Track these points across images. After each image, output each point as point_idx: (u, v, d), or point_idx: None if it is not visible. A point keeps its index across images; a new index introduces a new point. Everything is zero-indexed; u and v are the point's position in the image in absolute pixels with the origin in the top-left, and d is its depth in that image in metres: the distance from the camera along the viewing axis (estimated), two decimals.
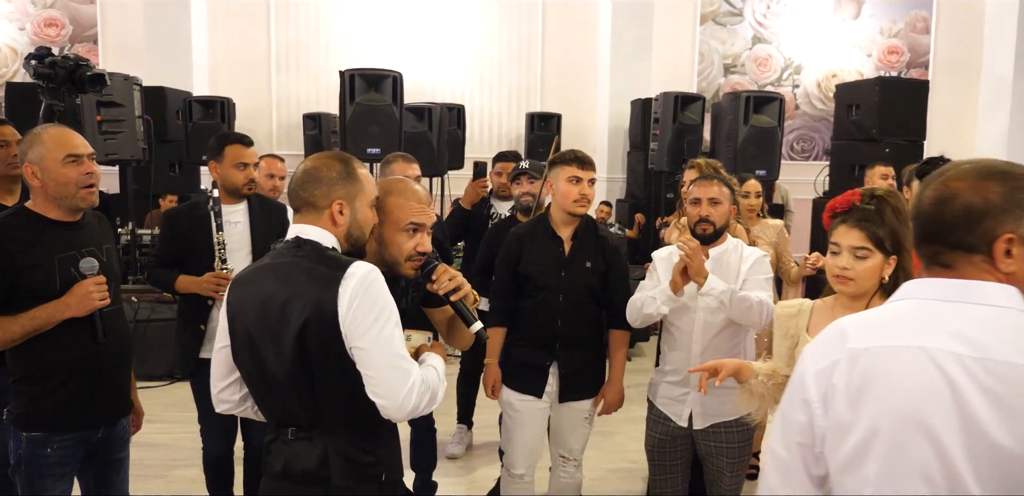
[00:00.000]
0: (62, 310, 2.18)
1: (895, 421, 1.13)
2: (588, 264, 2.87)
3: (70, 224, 2.29)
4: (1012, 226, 1.15)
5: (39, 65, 3.67)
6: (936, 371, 1.11)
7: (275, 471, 1.75)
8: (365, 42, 8.97)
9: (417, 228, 1.96)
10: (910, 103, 6.65)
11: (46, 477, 2.23)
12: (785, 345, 2.16)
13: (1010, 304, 1.15)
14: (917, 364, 1.13)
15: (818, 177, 7.17)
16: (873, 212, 1.97)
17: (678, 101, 7.19)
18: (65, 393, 2.24)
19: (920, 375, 1.12)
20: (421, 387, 1.69)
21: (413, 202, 1.97)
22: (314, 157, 1.85)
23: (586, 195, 2.85)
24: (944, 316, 1.15)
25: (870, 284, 1.98)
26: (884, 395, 1.15)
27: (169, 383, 5.42)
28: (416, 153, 4.34)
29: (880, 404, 1.15)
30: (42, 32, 8.70)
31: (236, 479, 3.26)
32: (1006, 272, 1.16)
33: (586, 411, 2.96)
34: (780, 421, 1.29)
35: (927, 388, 1.11)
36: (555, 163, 2.90)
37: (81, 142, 2.28)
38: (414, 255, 1.97)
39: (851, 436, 1.17)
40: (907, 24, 9.67)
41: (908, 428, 1.12)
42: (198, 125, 7.35)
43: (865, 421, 1.16)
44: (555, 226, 2.91)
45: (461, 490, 3.87)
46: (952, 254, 1.19)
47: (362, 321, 1.64)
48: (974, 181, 1.17)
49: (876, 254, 1.96)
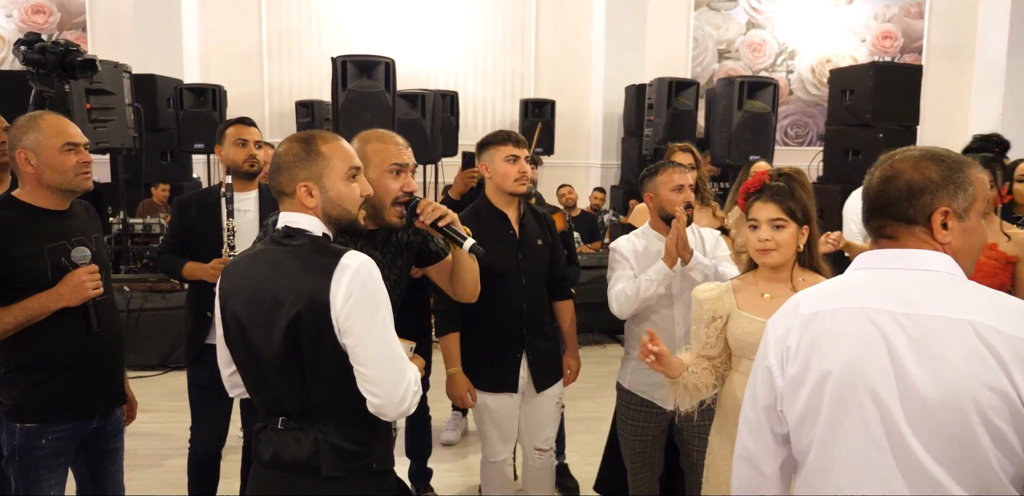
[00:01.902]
0: (55, 300, 2.17)
1: (838, 372, 1.28)
2: (539, 242, 2.85)
3: (59, 213, 2.27)
4: (947, 200, 1.29)
5: (29, 51, 3.63)
6: (872, 326, 1.27)
7: (264, 459, 1.74)
8: (358, 28, 8.91)
9: (400, 169, 2.04)
10: (904, 88, 6.64)
11: (40, 468, 2.22)
12: (714, 326, 2.24)
13: (943, 269, 1.29)
14: (856, 322, 1.29)
15: (812, 162, 7.17)
16: (783, 188, 2.17)
17: (672, 87, 7.17)
18: (59, 383, 2.23)
19: (858, 331, 1.28)
20: (415, 386, 1.68)
21: (391, 145, 2.05)
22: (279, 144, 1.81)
23: (525, 173, 2.74)
24: (884, 280, 1.31)
25: (790, 253, 2.17)
26: (829, 351, 1.31)
27: (162, 372, 5.42)
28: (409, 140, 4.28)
29: (826, 359, 1.30)
30: (30, 19, 8.62)
31: (233, 470, 3.27)
32: (943, 242, 1.30)
33: (558, 395, 2.95)
34: (748, 388, 1.46)
35: (864, 342, 1.27)
36: (487, 144, 2.77)
37: (77, 131, 2.28)
38: (400, 196, 2.04)
39: (803, 391, 1.33)
40: (901, 9, 9.64)
41: (849, 378, 1.27)
42: (189, 113, 7.30)
43: (814, 375, 1.31)
44: (501, 208, 2.79)
45: (456, 477, 3.88)
46: (895, 226, 1.33)
47: (359, 317, 1.61)
48: (916, 161, 1.32)
49: (791, 224, 2.15)
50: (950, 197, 1.29)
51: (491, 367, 2.82)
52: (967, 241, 1.31)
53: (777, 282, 2.20)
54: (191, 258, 3.03)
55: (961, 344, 1.19)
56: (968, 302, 1.23)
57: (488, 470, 2.96)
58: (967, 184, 1.30)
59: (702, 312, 2.26)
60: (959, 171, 1.30)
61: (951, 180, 1.29)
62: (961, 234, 1.31)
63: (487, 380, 2.82)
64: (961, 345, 1.19)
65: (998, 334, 1.18)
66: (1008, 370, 1.16)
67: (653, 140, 7.20)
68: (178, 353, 5.41)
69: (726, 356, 2.26)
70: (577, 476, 3.72)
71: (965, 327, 1.19)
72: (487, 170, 2.77)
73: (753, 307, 2.19)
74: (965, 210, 1.30)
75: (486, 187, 2.83)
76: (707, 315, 2.25)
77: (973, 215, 1.31)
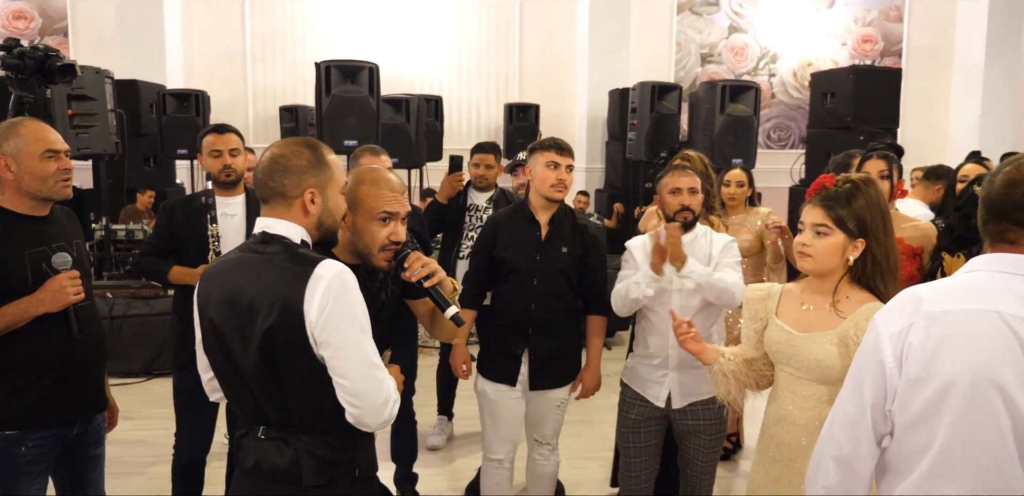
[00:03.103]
0: (35, 306, 2.16)
1: (970, 377, 1.23)
2: (564, 249, 2.90)
3: (39, 219, 2.26)
4: None
5: (7, 56, 3.62)
6: (1010, 332, 1.22)
7: (247, 467, 1.73)
8: (342, 33, 8.90)
9: (389, 217, 1.94)
10: (884, 91, 6.71)
11: (21, 475, 2.20)
12: (754, 328, 2.19)
13: None
14: (992, 326, 1.24)
15: (794, 165, 7.22)
16: (840, 193, 2.00)
17: (655, 91, 7.20)
18: (40, 389, 2.21)
19: (994, 335, 1.23)
20: (395, 395, 1.66)
21: (385, 191, 1.94)
22: (279, 144, 1.77)
23: (563, 180, 2.88)
24: (1012, 286, 1.26)
25: (831, 263, 2.00)
26: (960, 353, 1.25)
27: (146, 379, 5.38)
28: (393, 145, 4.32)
29: (956, 361, 1.25)
30: (10, 25, 8.56)
31: (217, 477, 3.25)
32: None
33: (558, 399, 2.99)
34: (851, 384, 1.40)
35: (1001, 347, 1.22)
36: (535, 149, 2.94)
37: (58, 138, 2.27)
38: (388, 245, 1.95)
39: (925, 391, 1.27)
40: (881, 13, 9.74)
41: (982, 383, 1.22)
42: (172, 119, 7.27)
43: (941, 376, 1.25)
44: (534, 211, 2.94)
45: (442, 481, 3.88)
46: (1018, 231, 1.29)
47: (335, 329, 1.60)
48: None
49: (836, 233, 1.98)
50: None
51: (494, 356, 2.96)
52: None
53: (820, 294, 2.06)
54: (176, 262, 3.04)
55: None
56: None
57: (484, 467, 3.05)
58: None
59: (748, 311, 2.23)
60: None
61: None
62: None
63: (488, 368, 2.98)
64: None
65: None
66: None
67: (637, 144, 7.23)
68: (162, 360, 5.38)
69: (767, 361, 2.19)
70: (563, 478, 3.73)
71: None
72: (530, 173, 2.93)
73: (790, 316, 2.10)
74: None
75: (529, 189, 2.99)
76: (749, 314, 2.21)
77: None
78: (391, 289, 2.15)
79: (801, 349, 2.02)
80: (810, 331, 2.02)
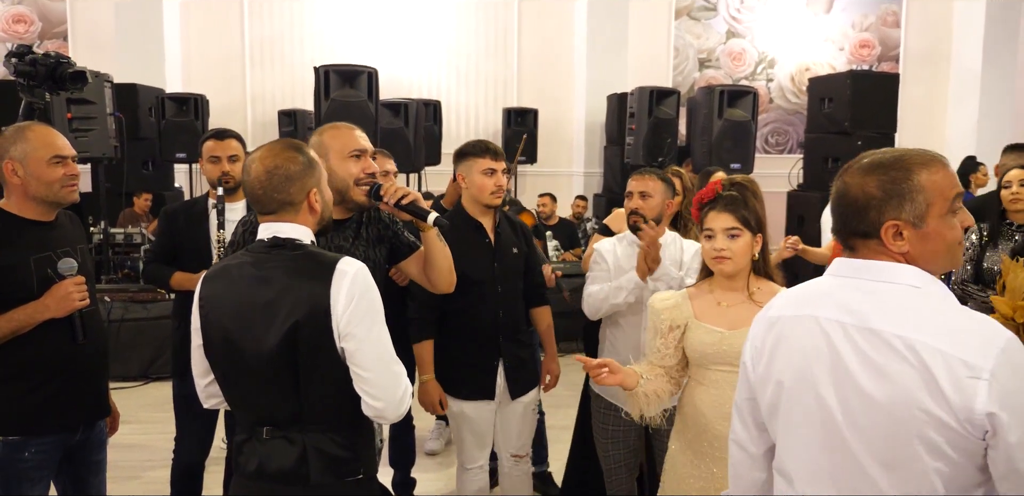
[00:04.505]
0: (41, 311, 2.16)
1: (792, 377, 1.35)
2: (515, 250, 2.87)
3: (45, 224, 2.27)
4: (894, 213, 1.29)
5: (19, 63, 3.66)
6: (822, 335, 1.32)
7: (249, 471, 1.73)
8: (341, 37, 8.91)
9: (360, 154, 2.15)
10: (881, 96, 6.73)
11: (23, 482, 2.20)
12: (672, 337, 2.21)
13: (903, 281, 1.29)
14: (809, 330, 1.34)
15: (792, 170, 7.24)
16: (737, 197, 2.18)
17: (653, 96, 7.22)
18: (44, 395, 2.21)
19: (809, 339, 1.34)
20: (410, 388, 1.72)
21: (347, 131, 2.17)
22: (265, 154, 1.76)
23: (501, 186, 2.77)
24: (843, 289, 1.33)
25: (745, 261, 2.17)
26: (786, 355, 1.37)
27: (144, 383, 5.38)
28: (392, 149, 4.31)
29: (783, 363, 1.38)
30: (10, 29, 8.57)
31: (215, 481, 3.25)
32: (900, 252, 1.30)
33: (533, 402, 2.96)
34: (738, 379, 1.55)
35: (814, 349, 1.33)
36: (466, 155, 2.78)
37: (66, 143, 2.28)
38: (362, 178, 2.15)
39: (767, 390, 1.41)
40: (878, 18, 9.77)
41: (800, 383, 1.34)
42: (171, 122, 7.28)
43: (774, 377, 1.39)
44: (475, 217, 2.82)
45: (440, 486, 3.88)
46: (854, 239, 1.35)
47: (360, 321, 1.65)
48: (859, 176, 1.33)
49: (745, 233, 2.16)
50: (896, 210, 1.28)
51: (468, 375, 2.82)
52: (927, 247, 1.30)
53: (732, 290, 2.20)
54: (178, 268, 3.03)
55: (900, 360, 1.22)
56: (919, 319, 1.24)
57: (464, 476, 2.96)
58: (914, 192, 1.28)
59: (659, 322, 2.24)
60: (903, 181, 1.28)
61: (894, 193, 1.28)
62: (919, 241, 1.29)
63: (464, 388, 2.82)
64: (900, 361, 1.21)
65: (938, 353, 1.19)
66: (942, 390, 1.17)
67: (635, 148, 7.25)
68: (160, 363, 5.38)
69: (682, 366, 2.24)
70: (559, 484, 3.73)
71: (907, 344, 1.21)
72: (463, 180, 2.79)
73: (710, 316, 2.18)
74: (919, 218, 1.28)
75: (462, 196, 2.84)
76: (665, 325, 2.23)
77: (931, 220, 1.28)
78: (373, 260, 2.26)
79: (736, 345, 2.06)
80: (739, 327, 2.11)
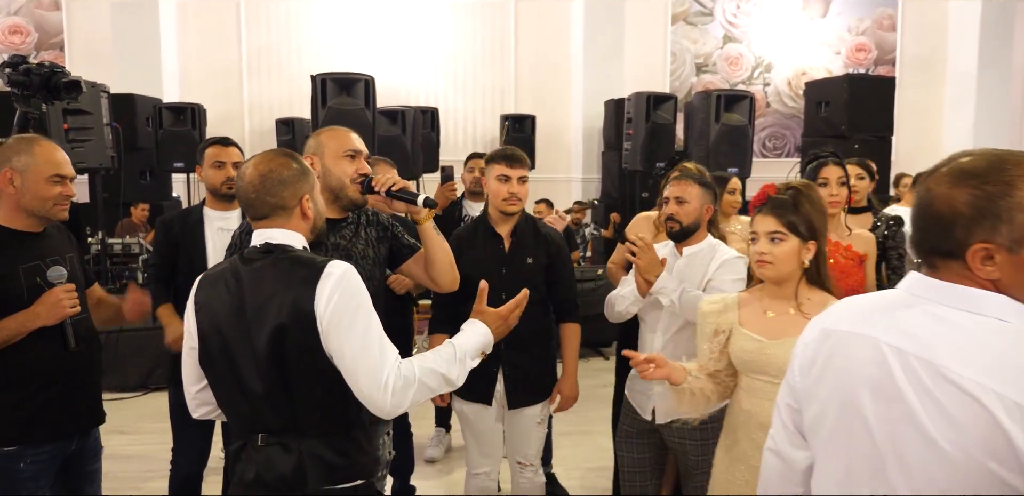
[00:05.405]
0: (32, 319, 2.16)
1: (840, 400, 1.22)
2: (530, 260, 2.82)
3: (33, 235, 2.27)
4: (984, 236, 1.09)
5: (13, 72, 3.65)
6: (877, 364, 1.16)
7: (247, 479, 1.71)
8: (338, 45, 8.93)
9: (355, 154, 2.25)
10: (878, 99, 6.75)
11: (20, 492, 2.19)
12: (716, 341, 2.16)
13: (991, 313, 1.10)
14: (864, 354, 1.19)
15: (789, 174, 7.21)
16: (786, 200, 2.10)
17: (650, 101, 7.23)
18: (38, 404, 2.20)
19: (862, 365, 1.18)
20: (397, 382, 1.64)
21: (343, 133, 2.27)
22: (259, 161, 1.80)
23: (515, 193, 2.76)
24: (909, 310, 1.16)
25: (789, 267, 2.08)
26: (837, 376, 1.23)
27: (143, 394, 5.36)
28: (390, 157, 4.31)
29: (832, 383, 1.24)
30: (7, 40, 8.58)
31: (214, 492, 3.23)
32: (988, 279, 1.11)
33: (538, 416, 2.87)
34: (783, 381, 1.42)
35: (868, 378, 1.17)
36: (487, 160, 2.85)
37: (69, 164, 2.30)
38: (356, 177, 2.23)
39: (813, 406, 1.28)
40: (874, 22, 9.79)
41: (848, 409, 1.20)
42: (168, 132, 7.28)
43: (822, 395, 1.26)
44: (494, 224, 2.85)
45: (440, 493, 3.86)
46: (935, 257, 1.16)
47: (340, 318, 1.63)
48: (947, 186, 1.13)
49: (791, 238, 2.06)
50: (988, 232, 1.09)
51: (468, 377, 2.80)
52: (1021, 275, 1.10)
53: (781, 299, 2.11)
54: (178, 275, 3.01)
55: (971, 406, 1.04)
56: (1002, 362, 1.05)
57: (469, 482, 2.96)
58: (1014, 212, 1.07)
59: (705, 325, 2.20)
60: (1001, 198, 1.08)
61: (988, 212, 1.08)
62: (1015, 269, 1.09)
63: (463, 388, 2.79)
64: (971, 407, 1.04)
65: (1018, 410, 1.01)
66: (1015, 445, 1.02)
67: (633, 154, 7.25)
68: (158, 374, 5.35)
69: (730, 372, 2.18)
70: (566, 487, 3.71)
71: (984, 389, 1.04)
72: (486, 186, 2.87)
73: (754, 324, 2.11)
74: (1017, 242, 1.08)
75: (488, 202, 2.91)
76: (710, 329, 2.18)
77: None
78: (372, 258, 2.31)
79: (776, 356, 2.02)
80: (781, 337, 2.04)
